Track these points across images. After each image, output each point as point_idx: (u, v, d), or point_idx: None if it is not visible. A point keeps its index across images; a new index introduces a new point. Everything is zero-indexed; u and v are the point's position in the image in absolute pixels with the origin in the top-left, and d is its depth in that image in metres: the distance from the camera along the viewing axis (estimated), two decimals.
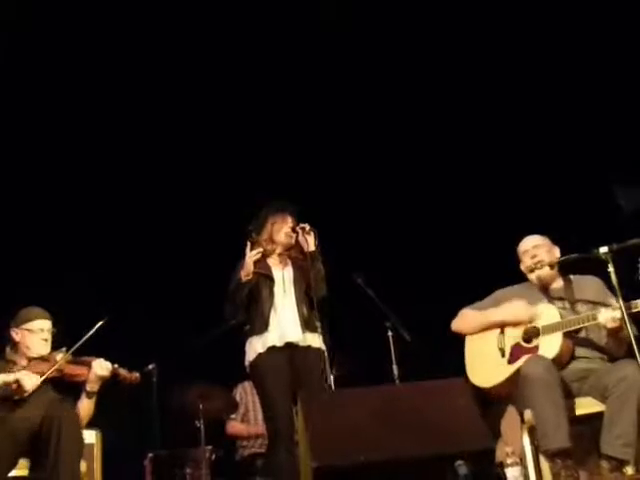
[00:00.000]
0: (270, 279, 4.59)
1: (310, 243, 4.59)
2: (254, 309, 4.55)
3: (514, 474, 3.69)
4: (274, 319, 4.50)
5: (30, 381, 4.00)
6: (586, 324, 4.01)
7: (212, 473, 5.43)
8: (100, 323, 4.21)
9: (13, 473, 4.04)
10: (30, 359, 4.18)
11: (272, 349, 4.44)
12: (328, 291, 4.62)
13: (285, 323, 4.50)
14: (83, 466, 4.09)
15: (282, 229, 4.69)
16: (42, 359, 4.18)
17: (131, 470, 5.63)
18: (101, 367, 4.16)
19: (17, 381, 3.98)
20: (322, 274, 4.61)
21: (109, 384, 4.24)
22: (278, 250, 4.70)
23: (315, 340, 4.51)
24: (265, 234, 4.70)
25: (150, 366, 5.62)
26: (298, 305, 4.55)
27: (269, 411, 4.38)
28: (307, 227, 4.61)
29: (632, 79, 6.16)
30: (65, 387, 4.24)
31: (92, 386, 4.17)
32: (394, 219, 6.83)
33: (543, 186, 6.51)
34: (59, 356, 4.16)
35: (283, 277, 4.64)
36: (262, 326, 4.47)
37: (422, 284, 6.45)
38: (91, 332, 4.20)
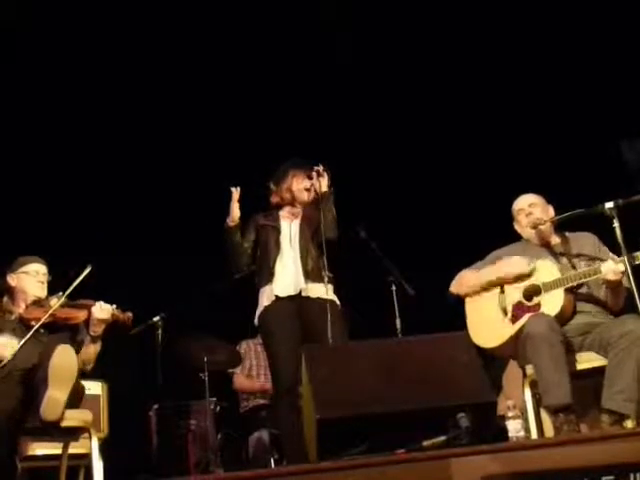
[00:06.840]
0: (277, 230, 4.60)
1: (322, 184, 4.59)
2: (262, 261, 4.57)
3: (515, 427, 3.70)
4: (279, 270, 4.50)
5: (7, 349, 3.92)
6: (589, 278, 4.00)
7: (216, 425, 5.50)
8: (89, 269, 4.17)
9: None
10: (27, 305, 4.18)
11: (278, 301, 4.44)
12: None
13: (289, 274, 4.50)
14: (89, 416, 4.12)
15: (301, 183, 4.70)
16: (38, 304, 4.16)
17: (136, 421, 5.71)
18: (101, 310, 4.12)
19: None
20: (333, 214, 4.58)
21: (111, 330, 4.22)
22: (296, 202, 4.72)
23: (320, 290, 4.44)
24: (285, 184, 4.72)
25: (156, 318, 5.65)
26: (302, 256, 4.52)
27: (273, 364, 4.40)
28: (321, 168, 4.62)
29: (635, 33, 6.09)
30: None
31: (94, 330, 4.14)
32: (396, 171, 6.82)
33: (543, 144, 6.47)
34: (53, 301, 4.13)
35: (290, 229, 4.64)
36: (268, 277, 4.49)
37: (426, 238, 6.46)
38: (81, 277, 4.16)
